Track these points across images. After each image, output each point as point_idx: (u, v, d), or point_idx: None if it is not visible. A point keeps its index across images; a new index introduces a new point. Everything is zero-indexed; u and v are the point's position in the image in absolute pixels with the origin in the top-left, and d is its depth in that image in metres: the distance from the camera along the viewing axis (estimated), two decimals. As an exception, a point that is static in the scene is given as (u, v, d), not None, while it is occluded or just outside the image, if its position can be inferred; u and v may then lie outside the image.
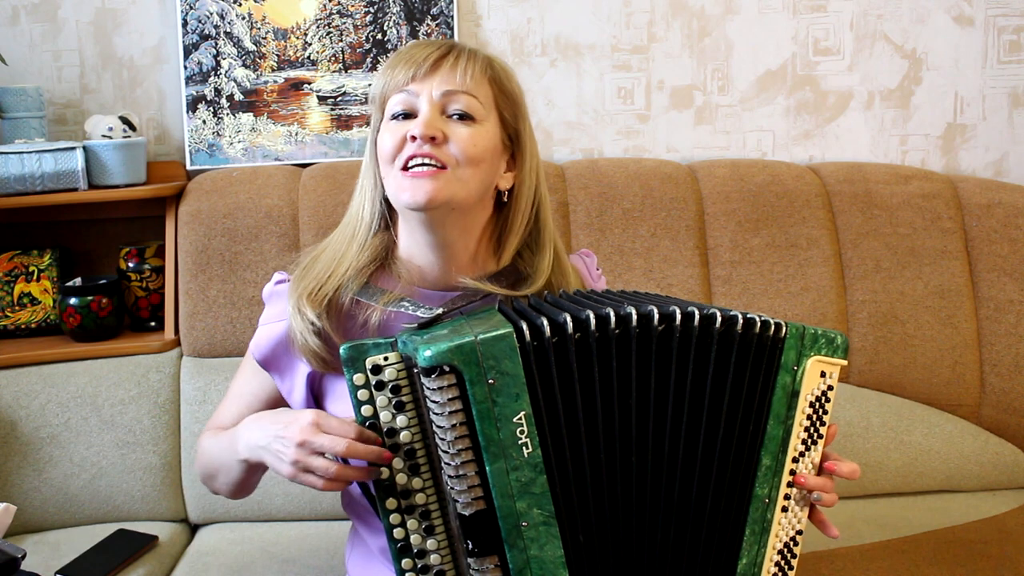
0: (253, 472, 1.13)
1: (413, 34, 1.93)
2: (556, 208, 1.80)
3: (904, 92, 2.01)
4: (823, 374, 1.01)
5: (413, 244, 1.11)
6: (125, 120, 1.82)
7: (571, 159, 1.98)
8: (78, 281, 1.81)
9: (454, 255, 1.10)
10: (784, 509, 1.01)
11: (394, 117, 1.07)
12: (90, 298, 1.75)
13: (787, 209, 1.82)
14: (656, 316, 0.94)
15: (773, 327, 0.98)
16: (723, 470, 0.98)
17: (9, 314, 1.83)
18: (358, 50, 1.94)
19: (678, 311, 0.94)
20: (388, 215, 1.13)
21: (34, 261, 1.86)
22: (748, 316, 0.98)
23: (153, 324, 1.82)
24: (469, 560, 0.92)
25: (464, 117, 1.06)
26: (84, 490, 1.69)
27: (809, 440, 1.02)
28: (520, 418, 0.90)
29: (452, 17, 1.93)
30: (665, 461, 0.96)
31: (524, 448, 0.90)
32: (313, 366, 1.10)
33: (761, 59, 1.99)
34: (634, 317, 0.93)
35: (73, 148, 1.74)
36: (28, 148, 1.73)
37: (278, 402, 1.18)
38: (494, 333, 0.90)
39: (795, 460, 1.01)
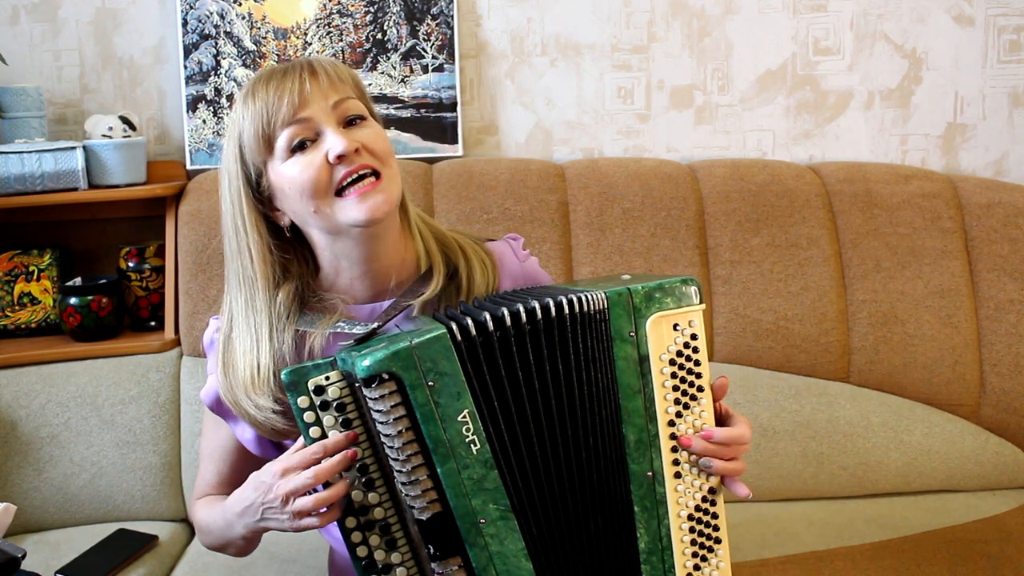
0: (257, 538, 1.12)
1: (413, 34, 1.93)
2: (556, 208, 1.80)
3: (904, 92, 2.01)
4: (676, 327, 0.97)
5: (342, 263, 1.10)
6: (125, 120, 1.82)
7: (571, 159, 1.98)
8: (78, 281, 1.81)
9: (385, 256, 1.10)
10: (678, 475, 0.98)
11: (292, 151, 1.04)
12: (90, 298, 1.75)
13: (787, 209, 1.82)
14: (523, 312, 0.95)
15: (592, 300, 0.96)
16: (602, 451, 0.97)
17: (9, 314, 1.83)
18: (358, 50, 1.94)
19: (522, 308, 0.95)
20: (284, 261, 1.10)
21: (34, 261, 1.86)
22: (571, 295, 0.97)
23: (153, 324, 1.82)
24: (433, 565, 0.93)
25: (357, 120, 1.06)
26: (84, 490, 1.69)
27: (685, 398, 0.98)
28: (464, 416, 0.91)
29: (452, 17, 1.93)
30: (571, 447, 0.97)
31: (472, 445, 0.91)
32: (276, 440, 1.09)
33: (761, 59, 1.99)
34: (521, 313, 0.95)
35: (73, 148, 1.74)
36: (28, 148, 1.73)
37: (246, 449, 1.16)
38: (428, 336, 0.91)
39: (672, 424, 0.98)
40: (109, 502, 1.70)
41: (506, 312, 0.94)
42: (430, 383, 0.90)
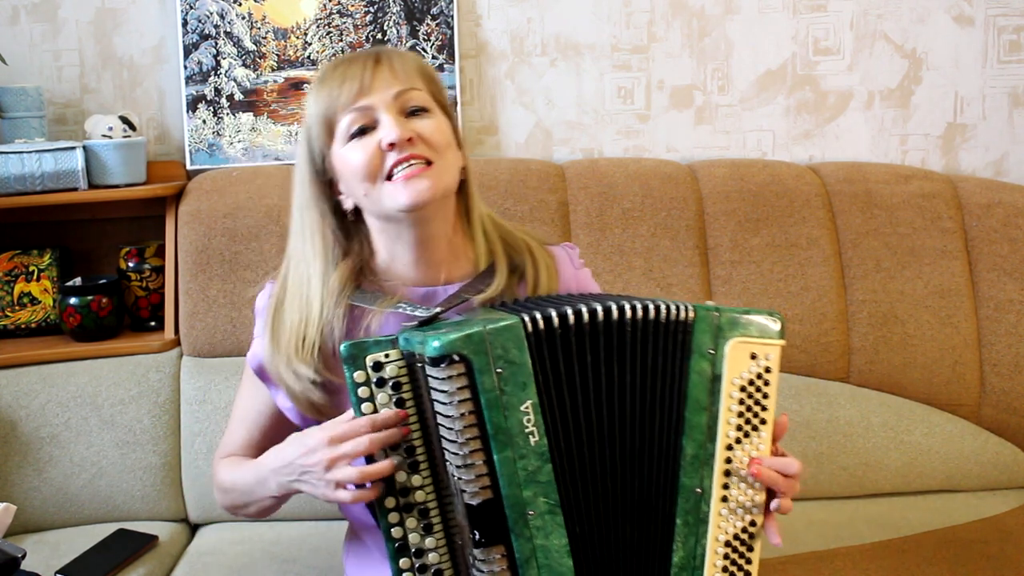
0: (284, 499, 1.14)
1: (413, 34, 1.93)
2: (556, 208, 1.80)
3: (904, 92, 2.01)
4: (754, 356, 0.98)
5: (396, 248, 1.12)
6: (125, 120, 1.82)
7: (571, 159, 1.98)
8: (78, 281, 1.81)
9: (436, 247, 1.13)
10: (724, 499, 0.98)
11: (351, 137, 1.07)
12: (90, 298, 1.75)
13: (787, 209, 1.82)
14: (600, 312, 0.96)
15: (677, 311, 0.98)
16: (653, 459, 0.98)
17: (9, 314, 1.83)
18: (358, 50, 1.94)
19: (614, 305, 0.97)
20: (345, 240, 1.13)
21: (34, 261, 1.86)
22: (647, 302, 0.98)
23: (153, 324, 1.82)
24: (475, 551, 0.93)
25: (419, 111, 1.08)
26: (84, 490, 1.69)
27: (747, 426, 0.99)
28: (527, 407, 0.92)
29: (452, 17, 1.93)
30: (625, 453, 0.98)
31: (531, 437, 0.92)
32: (308, 414, 1.10)
33: (761, 59, 1.99)
34: (600, 312, 0.96)
35: (73, 148, 1.74)
36: (28, 148, 1.73)
37: (281, 416, 1.18)
38: (502, 323, 0.92)
39: (730, 448, 0.98)
40: (109, 502, 1.70)
41: (584, 309, 0.95)
42: (498, 370, 0.91)
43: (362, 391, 0.95)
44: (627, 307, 0.97)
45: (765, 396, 0.99)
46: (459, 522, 0.95)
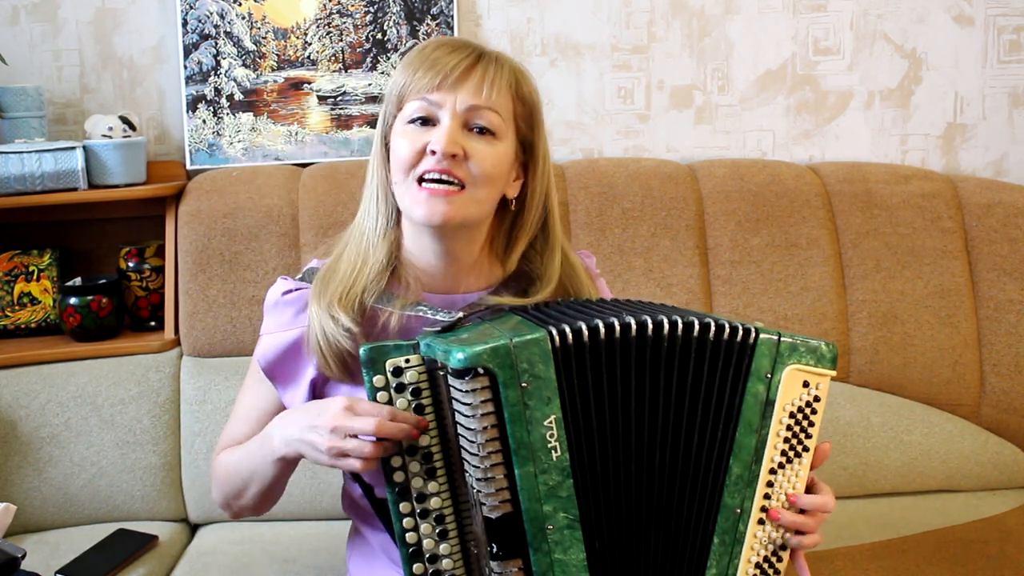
0: (286, 471, 1.12)
1: (413, 34, 1.93)
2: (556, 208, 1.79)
3: (904, 92, 2.01)
4: (806, 384, 0.99)
5: (419, 248, 1.11)
6: (125, 120, 1.82)
7: (571, 159, 1.98)
8: (78, 281, 1.81)
9: (458, 262, 1.11)
10: (761, 522, 0.99)
11: (411, 121, 1.05)
12: (90, 298, 1.75)
13: (787, 209, 1.82)
14: (650, 324, 0.95)
15: (741, 332, 0.97)
16: (693, 475, 0.98)
17: (9, 314, 1.83)
18: (358, 50, 1.94)
19: (665, 319, 0.95)
20: (397, 209, 1.11)
21: (34, 261, 1.86)
22: (708, 320, 0.97)
23: (153, 324, 1.82)
24: (492, 564, 0.92)
25: (485, 132, 1.05)
26: (84, 490, 1.69)
27: (791, 452, 1.00)
28: (551, 422, 0.90)
29: (452, 17, 1.93)
30: (656, 467, 0.97)
31: (553, 452, 0.90)
32: (331, 373, 1.08)
33: (761, 59, 1.99)
34: (634, 326, 0.94)
35: (73, 148, 1.74)
36: (28, 148, 1.73)
37: None
38: (528, 337, 0.90)
39: (773, 472, 0.99)
40: (109, 502, 1.70)
41: (616, 323, 0.93)
42: (523, 384, 0.89)
43: (381, 396, 0.95)
44: (666, 322, 0.95)
45: (811, 424, 1.00)
46: (476, 533, 0.94)
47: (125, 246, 1.83)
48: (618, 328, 0.94)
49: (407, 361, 0.94)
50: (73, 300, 1.75)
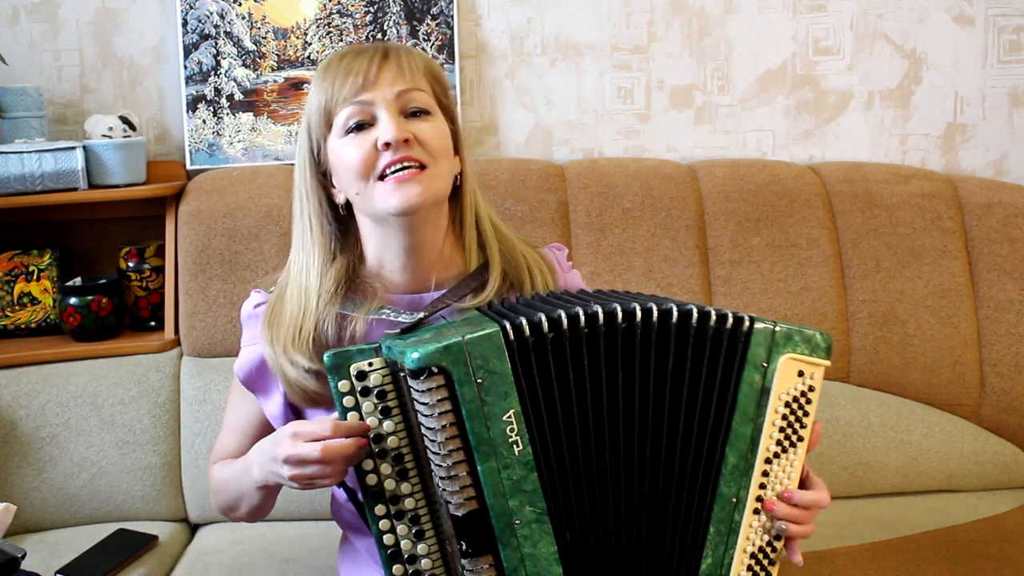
0: (273, 493, 1.14)
1: (413, 34, 1.93)
2: (556, 208, 1.80)
3: (904, 92, 2.01)
4: (801, 373, 0.99)
5: (385, 252, 1.11)
6: (125, 120, 1.82)
7: (571, 159, 1.98)
8: (78, 281, 1.81)
9: (426, 254, 1.11)
10: (756, 512, 0.99)
11: (348, 131, 1.06)
12: (90, 298, 1.75)
13: (787, 209, 1.82)
14: (620, 313, 0.95)
15: (734, 321, 0.97)
16: (685, 465, 0.97)
17: (9, 314, 1.83)
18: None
19: (638, 307, 0.95)
20: (341, 235, 1.12)
21: (34, 261, 1.86)
22: (705, 309, 0.97)
23: (153, 324, 1.82)
24: (463, 561, 0.92)
25: (420, 112, 1.07)
26: (84, 490, 1.69)
27: (786, 442, 1.00)
28: (509, 416, 0.91)
29: (452, 17, 1.93)
30: (635, 456, 0.97)
31: (515, 446, 0.91)
32: (305, 407, 1.10)
33: (761, 59, 1.99)
34: (600, 315, 0.94)
35: (73, 148, 1.74)
36: (28, 148, 1.73)
37: (269, 424, 1.18)
38: (481, 332, 0.90)
39: (768, 461, 0.99)
40: (109, 502, 1.70)
41: (580, 312, 0.93)
42: (479, 380, 0.89)
43: (347, 400, 0.95)
44: (638, 310, 0.95)
45: (806, 414, 1.00)
46: (447, 531, 0.95)
47: (125, 246, 1.83)
48: (582, 318, 0.94)
49: (370, 364, 0.95)
50: (73, 300, 1.75)
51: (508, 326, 0.92)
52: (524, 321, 0.92)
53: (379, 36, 1.93)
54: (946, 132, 2.02)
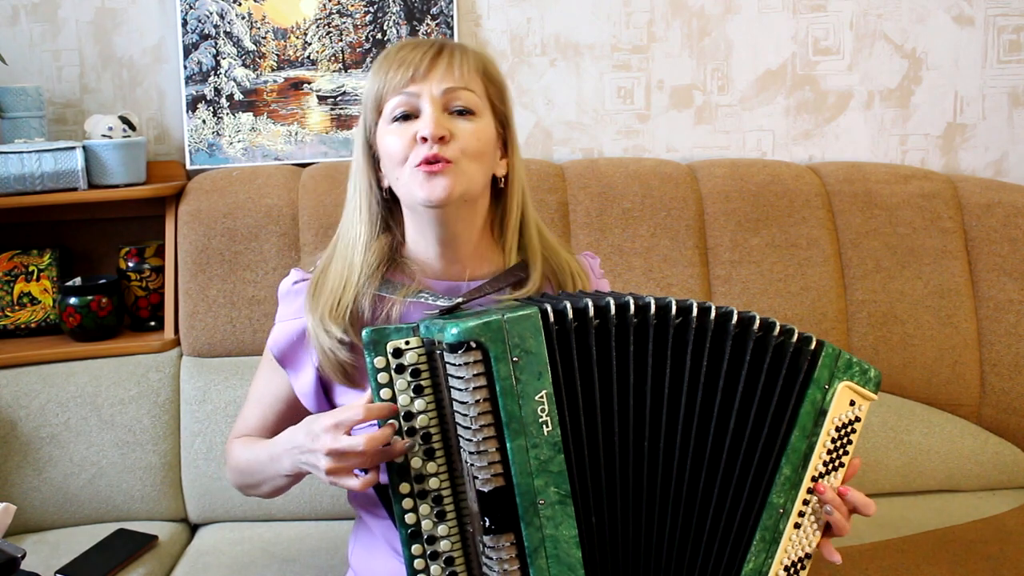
0: (298, 478, 1.15)
1: (413, 34, 1.93)
2: (556, 208, 1.80)
3: (904, 92, 2.01)
4: (852, 403, 1.02)
5: (420, 240, 1.14)
6: (125, 120, 1.82)
7: (571, 159, 1.98)
8: (78, 281, 1.81)
9: (460, 247, 1.14)
10: (797, 525, 1.01)
11: (395, 119, 1.09)
12: (90, 298, 1.75)
13: (787, 209, 1.82)
14: (673, 308, 0.97)
15: (800, 338, 1.00)
16: (741, 470, 0.99)
17: (9, 314, 1.83)
18: (358, 50, 1.94)
19: (695, 304, 0.97)
20: (388, 215, 1.15)
21: (34, 261, 1.86)
22: (769, 320, 0.99)
23: (153, 324, 1.82)
24: (485, 538, 0.93)
25: (465, 112, 1.09)
26: (84, 490, 1.69)
27: (831, 464, 1.02)
28: (541, 397, 0.92)
29: (452, 17, 1.93)
30: (677, 450, 0.98)
31: (544, 426, 0.92)
32: (337, 380, 1.13)
33: (761, 59, 1.99)
34: (652, 307, 0.96)
35: (73, 148, 1.74)
36: (28, 148, 1.73)
37: (297, 402, 1.20)
38: (520, 313, 0.92)
39: (815, 479, 1.01)
40: (109, 502, 1.70)
41: (611, 302, 0.96)
42: (515, 359, 0.91)
43: (381, 376, 0.97)
44: (695, 306, 0.97)
45: (850, 443, 1.03)
46: (471, 508, 0.95)
47: (125, 246, 1.83)
48: (633, 307, 0.96)
49: (407, 343, 0.96)
50: (73, 300, 1.75)
51: (549, 308, 0.94)
52: (568, 305, 0.95)
53: (379, 36, 1.93)
54: (946, 132, 2.02)
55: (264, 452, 1.14)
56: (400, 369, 0.96)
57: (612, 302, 0.95)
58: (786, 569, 1.02)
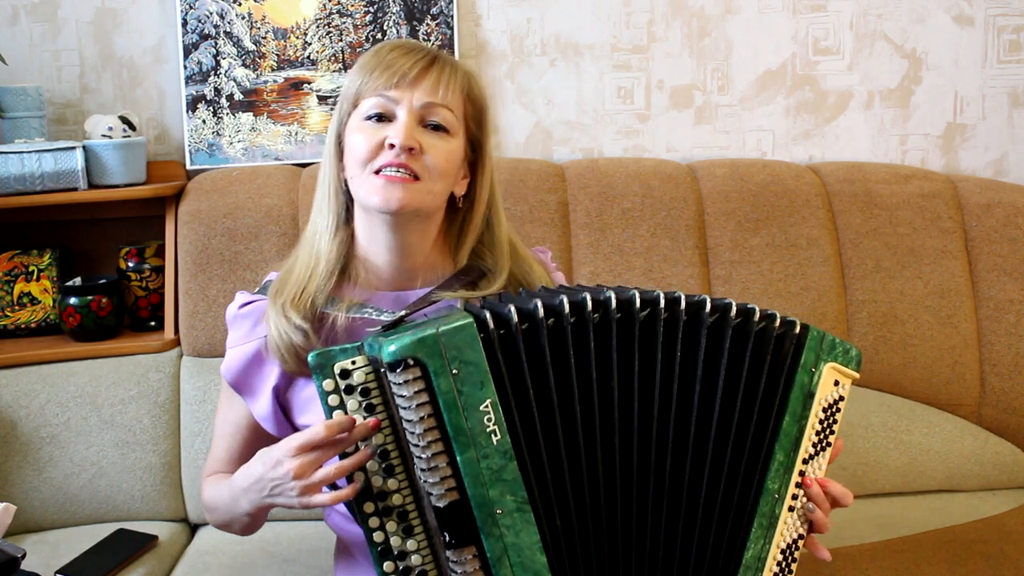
0: (262, 513, 1.15)
1: (413, 34, 1.93)
2: (556, 208, 1.80)
3: (904, 92, 2.01)
4: (836, 383, 1.03)
5: (371, 243, 1.13)
6: (125, 120, 1.82)
7: (571, 159, 1.98)
8: (78, 281, 1.81)
9: (410, 256, 1.13)
10: (791, 509, 1.02)
11: (368, 118, 1.08)
12: (90, 298, 1.75)
13: (787, 209, 1.82)
14: (638, 300, 0.96)
15: (783, 322, 1.00)
16: (733, 459, 0.99)
17: (9, 314, 1.83)
18: (358, 50, 1.94)
19: (662, 295, 0.96)
20: (348, 207, 1.14)
21: (34, 261, 1.86)
22: (747, 306, 0.99)
23: (153, 324, 1.82)
24: (447, 553, 0.93)
25: (439, 128, 1.08)
26: (84, 490, 1.69)
27: (819, 445, 1.03)
28: (487, 406, 0.91)
29: (452, 17, 1.93)
30: (654, 444, 0.97)
31: (492, 436, 0.91)
32: (289, 367, 1.11)
33: (761, 59, 1.99)
34: (613, 301, 0.95)
35: (73, 148, 1.74)
36: (28, 148, 1.73)
37: (259, 428, 1.18)
38: (455, 324, 0.91)
39: (805, 462, 1.02)
40: (109, 502, 1.70)
41: (565, 300, 0.94)
42: (454, 371, 0.90)
43: (332, 399, 0.96)
44: (637, 298, 0.96)
45: (835, 422, 1.04)
46: (431, 524, 0.95)
47: (125, 246, 1.83)
48: (590, 303, 0.94)
49: (353, 363, 0.95)
50: (73, 300, 1.75)
51: (487, 316, 0.92)
52: (512, 308, 0.93)
53: (379, 36, 1.93)
54: (946, 132, 2.02)
55: (226, 494, 1.12)
56: (349, 390, 0.95)
57: (566, 300, 0.94)
58: (782, 552, 1.02)
